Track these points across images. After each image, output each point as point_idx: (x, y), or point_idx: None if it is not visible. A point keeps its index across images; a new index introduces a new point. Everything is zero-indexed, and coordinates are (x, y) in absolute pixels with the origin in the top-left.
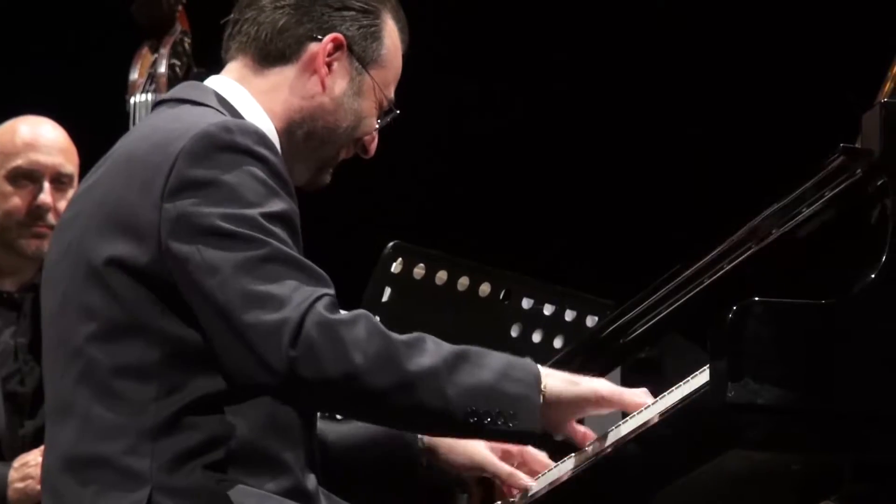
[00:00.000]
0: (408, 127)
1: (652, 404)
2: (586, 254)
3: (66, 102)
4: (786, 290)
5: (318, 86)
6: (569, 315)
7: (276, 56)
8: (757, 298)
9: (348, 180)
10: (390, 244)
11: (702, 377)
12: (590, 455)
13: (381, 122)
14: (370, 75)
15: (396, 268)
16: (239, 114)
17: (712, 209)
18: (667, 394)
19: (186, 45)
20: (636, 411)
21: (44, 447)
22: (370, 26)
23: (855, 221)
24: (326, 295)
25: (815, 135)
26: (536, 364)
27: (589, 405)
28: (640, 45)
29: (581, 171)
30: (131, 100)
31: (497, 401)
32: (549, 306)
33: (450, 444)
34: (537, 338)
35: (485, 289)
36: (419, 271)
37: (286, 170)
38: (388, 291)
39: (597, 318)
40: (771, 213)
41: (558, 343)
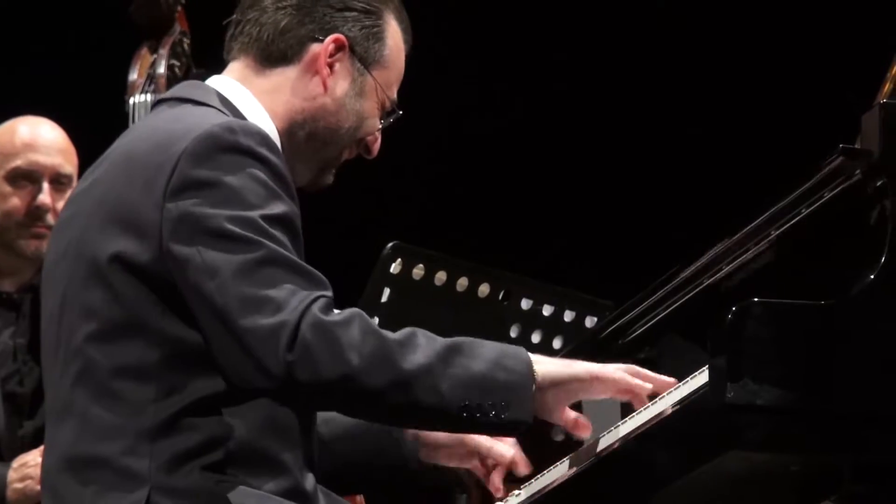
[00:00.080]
0: (407, 127)
1: (651, 404)
2: (585, 254)
3: (66, 103)
4: (785, 290)
5: (320, 87)
6: (568, 315)
7: (277, 57)
8: (756, 299)
9: (348, 181)
10: (389, 245)
11: (701, 378)
12: (589, 455)
13: (384, 123)
14: (372, 76)
15: (395, 268)
16: (241, 114)
17: (712, 209)
18: (666, 394)
19: (185, 46)
20: (635, 411)
21: (43, 447)
22: (372, 27)
23: (854, 222)
24: (322, 297)
25: (814, 135)
26: (528, 351)
27: (583, 386)
28: (639, 45)
29: (581, 171)
30: (130, 100)
31: (489, 392)
32: (548, 307)
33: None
34: (536, 338)
35: (484, 289)
36: (418, 272)
37: (288, 171)
38: (388, 292)
39: (596, 319)
40: (770, 213)
41: (557, 344)
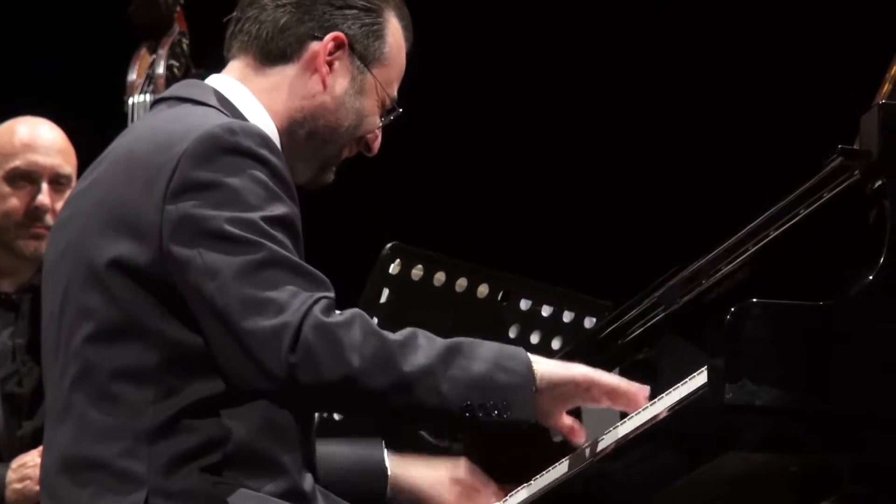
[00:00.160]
0: (407, 127)
1: (650, 405)
2: (585, 255)
3: (65, 103)
4: (784, 291)
5: (319, 85)
6: (567, 316)
7: (277, 55)
8: (755, 300)
9: (347, 181)
10: (388, 245)
11: (700, 378)
12: (587, 457)
13: (384, 121)
14: (372, 74)
15: (394, 269)
16: (240, 113)
17: (711, 210)
18: (665, 395)
19: (185, 46)
20: (634, 412)
21: (42, 448)
22: (372, 24)
23: (853, 222)
24: (324, 298)
25: (814, 135)
26: (527, 353)
27: (580, 390)
28: (639, 45)
29: (580, 171)
30: (129, 101)
31: (490, 392)
32: (547, 307)
33: (414, 487)
34: (535, 339)
35: (483, 290)
36: (417, 272)
37: (288, 172)
38: (387, 292)
39: (595, 320)
40: (769, 213)
41: (556, 344)
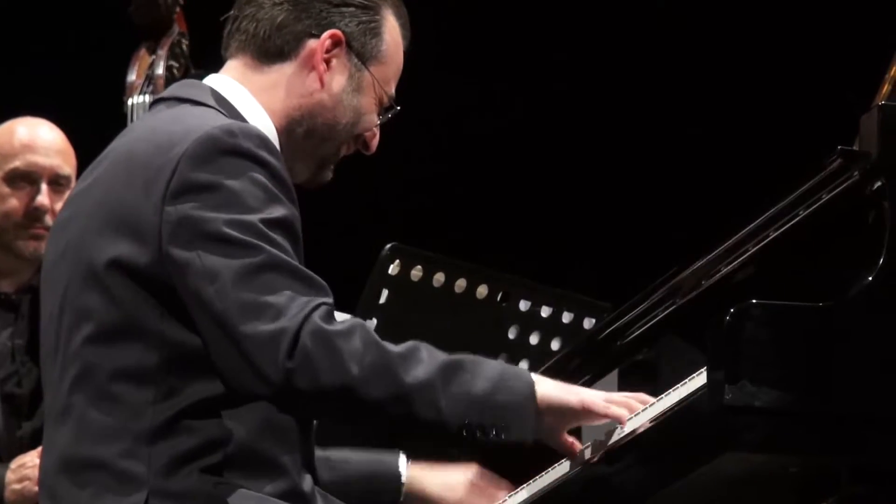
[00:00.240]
0: (407, 127)
1: (649, 407)
2: (584, 256)
3: (65, 103)
4: (783, 292)
5: (317, 82)
6: (566, 317)
7: (274, 53)
8: (754, 301)
9: (346, 181)
10: (388, 246)
11: (699, 379)
12: (587, 458)
13: (382, 119)
14: (369, 71)
15: (394, 269)
16: (238, 113)
17: (711, 210)
18: (664, 396)
19: (184, 47)
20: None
21: (41, 449)
22: (370, 22)
23: (852, 223)
24: (323, 304)
25: (814, 136)
26: (530, 373)
27: (579, 416)
28: (639, 45)
29: (580, 171)
30: (129, 101)
31: (490, 412)
32: (546, 308)
33: (426, 491)
34: (534, 340)
35: (482, 291)
36: (417, 273)
37: (288, 173)
38: (386, 293)
39: (594, 321)
40: (768, 214)
41: (555, 345)
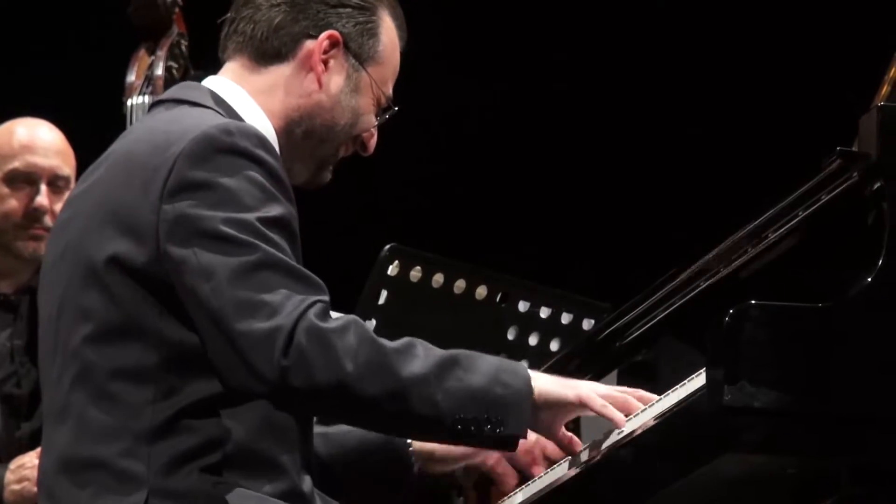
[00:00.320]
0: (406, 127)
1: (649, 407)
2: (584, 256)
3: (64, 104)
4: (782, 293)
5: (315, 83)
6: (565, 318)
7: (272, 54)
8: (754, 301)
9: (345, 182)
10: (387, 247)
11: (698, 380)
12: (586, 458)
13: (380, 119)
14: (367, 72)
15: (393, 270)
16: (236, 114)
17: (710, 211)
18: (663, 397)
19: (183, 48)
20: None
21: (40, 449)
22: (367, 23)
23: (852, 224)
24: (319, 302)
25: (814, 136)
26: (527, 368)
27: (577, 409)
28: (639, 45)
29: (580, 172)
30: (128, 102)
31: (486, 407)
32: (545, 309)
33: (444, 448)
34: (534, 341)
35: (481, 291)
36: (416, 274)
37: (285, 173)
38: (385, 294)
39: (593, 321)
40: (768, 215)
41: (555, 346)
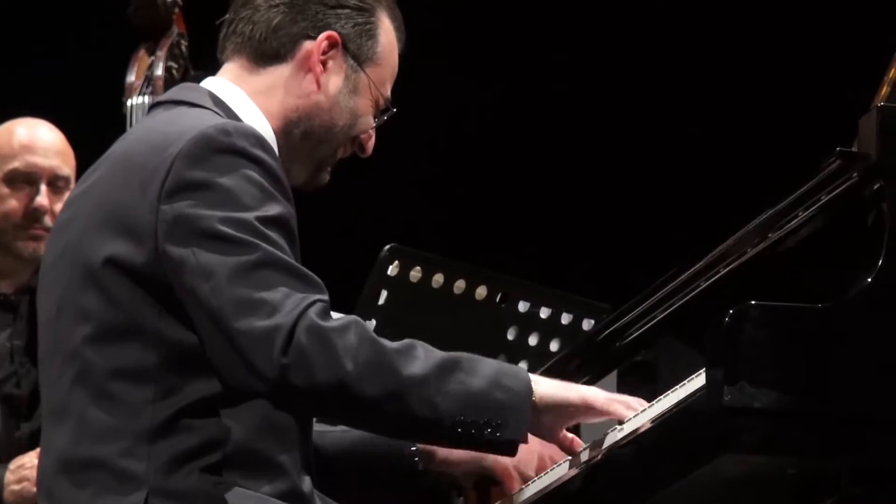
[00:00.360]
0: (406, 128)
1: (648, 408)
2: (583, 257)
3: (64, 104)
4: (782, 293)
5: (314, 84)
6: (565, 318)
7: (271, 55)
8: (753, 302)
9: (345, 182)
10: (387, 247)
11: (698, 381)
12: (586, 458)
13: (378, 121)
14: (366, 73)
15: (393, 270)
16: (235, 115)
17: (710, 211)
18: (663, 397)
19: (183, 48)
20: (635, 413)
21: (40, 449)
22: (365, 24)
23: (851, 225)
24: (319, 301)
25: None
26: (527, 371)
27: (578, 411)
28: (639, 45)
29: (579, 172)
30: (128, 102)
31: (486, 410)
32: (545, 309)
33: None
34: (533, 341)
35: (481, 292)
36: (416, 274)
37: (284, 172)
38: (385, 294)
39: (593, 322)
40: (767, 216)
41: (554, 346)
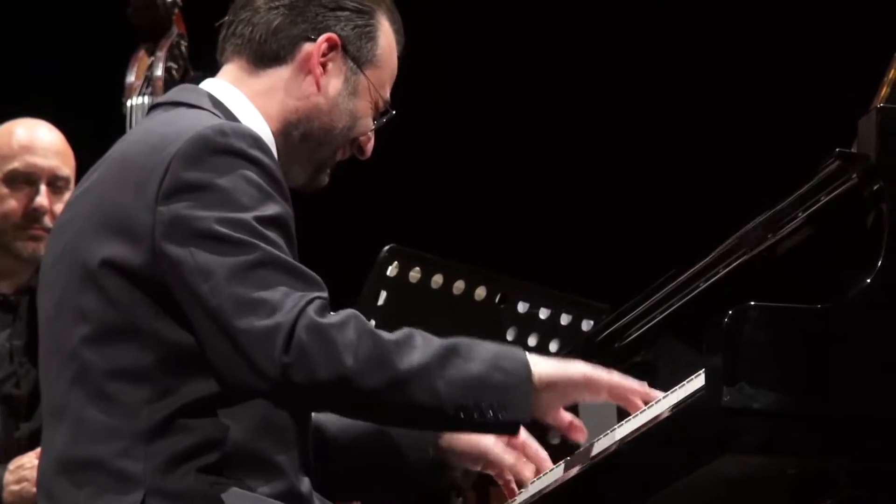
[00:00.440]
0: (406, 128)
1: (647, 408)
2: (583, 257)
3: (64, 104)
4: (782, 294)
5: (313, 86)
6: (564, 319)
7: (270, 57)
8: (753, 303)
9: (344, 183)
10: (386, 247)
11: (697, 381)
12: (585, 459)
13: (377, 123)
14: (365, 75)
15: (392, 271)
16: (234, 116)
17: (709, 212)
18: (662, 398)
19: (183, 48)
20: (632, 414)
21: (39, 449)
22: (365, 26)
23: (851, 225)
24: (318, 298)
25: (813, 137)
26: (525, 352)
27: (577, 388)
28: (639, 45)
29: (579, 172)
30: (128, 103)
31: (487, 393)
32: (544, 310)
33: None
34: (533, 342)
35: (480, 292)
36: (415, 275)
37: (282, 173)
38: (384, 295)
39: (592, 322)
40: (767, 216)
41: (554, 347)
